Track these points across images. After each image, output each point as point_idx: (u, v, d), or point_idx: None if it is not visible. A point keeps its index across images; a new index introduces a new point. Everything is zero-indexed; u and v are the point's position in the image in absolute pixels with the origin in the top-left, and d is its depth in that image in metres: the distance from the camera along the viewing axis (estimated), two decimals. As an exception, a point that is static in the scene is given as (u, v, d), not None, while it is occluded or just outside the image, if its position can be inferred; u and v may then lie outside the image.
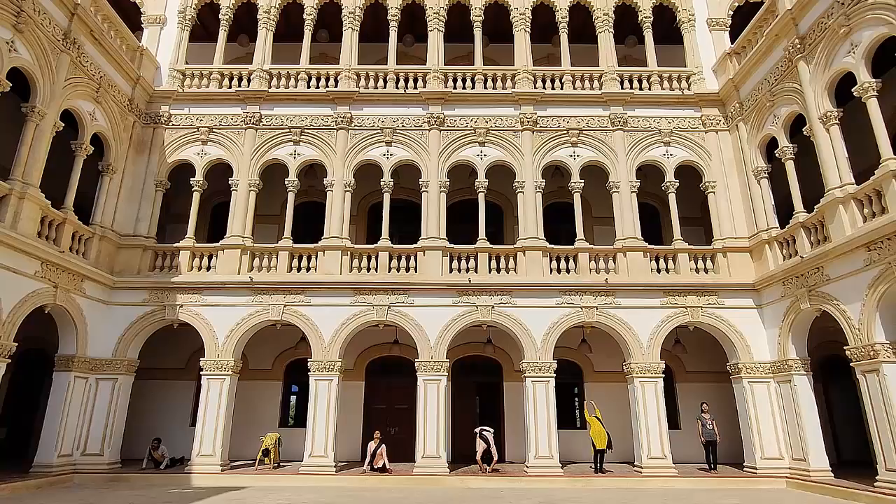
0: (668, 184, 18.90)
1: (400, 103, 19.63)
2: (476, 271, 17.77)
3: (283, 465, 17.66)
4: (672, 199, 18.71)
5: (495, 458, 16.55)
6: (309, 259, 17.99)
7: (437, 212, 18.23)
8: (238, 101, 19.66)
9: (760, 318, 17.38)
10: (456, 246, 18.02)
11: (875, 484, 12.64)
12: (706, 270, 18.07)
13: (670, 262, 18.15)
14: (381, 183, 18.89)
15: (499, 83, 19.71)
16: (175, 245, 18.16)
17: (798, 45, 15.77)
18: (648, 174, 19.67)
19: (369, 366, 20.48)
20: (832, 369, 19.30)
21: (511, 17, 20.68)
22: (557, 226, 20.39)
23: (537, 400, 16.58)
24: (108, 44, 17.48)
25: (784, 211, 17.45)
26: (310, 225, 20.06)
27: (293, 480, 15.56)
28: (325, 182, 18.94)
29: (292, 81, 19.81)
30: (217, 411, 16.52)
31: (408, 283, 17.43)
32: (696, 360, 20.38)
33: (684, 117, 19.42)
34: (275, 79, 19.89)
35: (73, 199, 16.20)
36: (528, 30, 20.26)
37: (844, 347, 13.73)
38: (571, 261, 18.05)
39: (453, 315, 17.28)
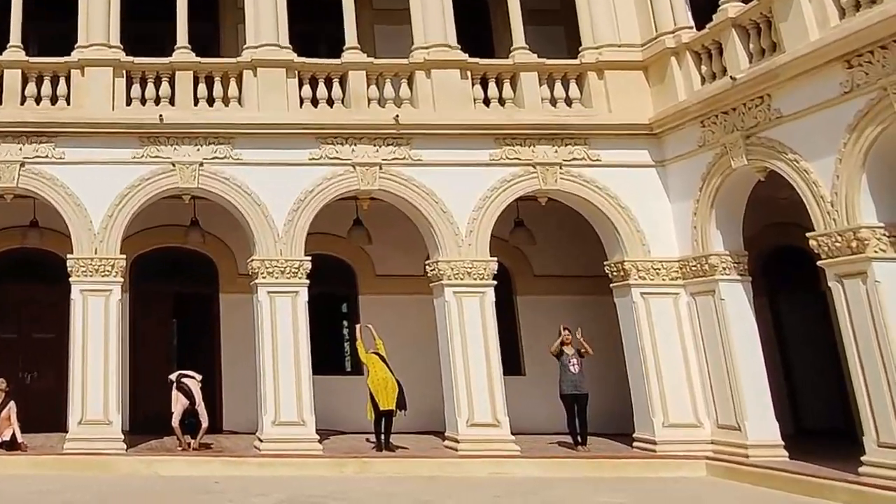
0: (503, -50, 15.30)
1: None
2: (172, 103, 14.42)
3: None
4: (511, -23, 15.55)
5: (204, 424, 13.73)
6: None
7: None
8: None
9: (663, 183, 14.62)
10: (138, 60, 14.50)
11: (859, 469, 10.87)
12: (569, 102, 14.93)
13: (507, 87, 14.99)
14: (8, -55, 14.79)
15: None
16: None
17: None
18: (472, -67, 16.02)
19: (-13, 267, 17.36)
20: (786, 274, 16.29)
21: None
22: (313, 26, 17.10)
23: (278, 325, 13.82)
24: None
25: (702, 1, 14.38)
26: None
27: None
28: None
29: None
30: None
31: (56, 124, 14.18)
32: (552, 257, 17.13)
33: None
34: None
35: None
36: None
37: (807, 235, 11.95)
38: (336, 85, 14.80)
39: (134, 178, 14.10)
